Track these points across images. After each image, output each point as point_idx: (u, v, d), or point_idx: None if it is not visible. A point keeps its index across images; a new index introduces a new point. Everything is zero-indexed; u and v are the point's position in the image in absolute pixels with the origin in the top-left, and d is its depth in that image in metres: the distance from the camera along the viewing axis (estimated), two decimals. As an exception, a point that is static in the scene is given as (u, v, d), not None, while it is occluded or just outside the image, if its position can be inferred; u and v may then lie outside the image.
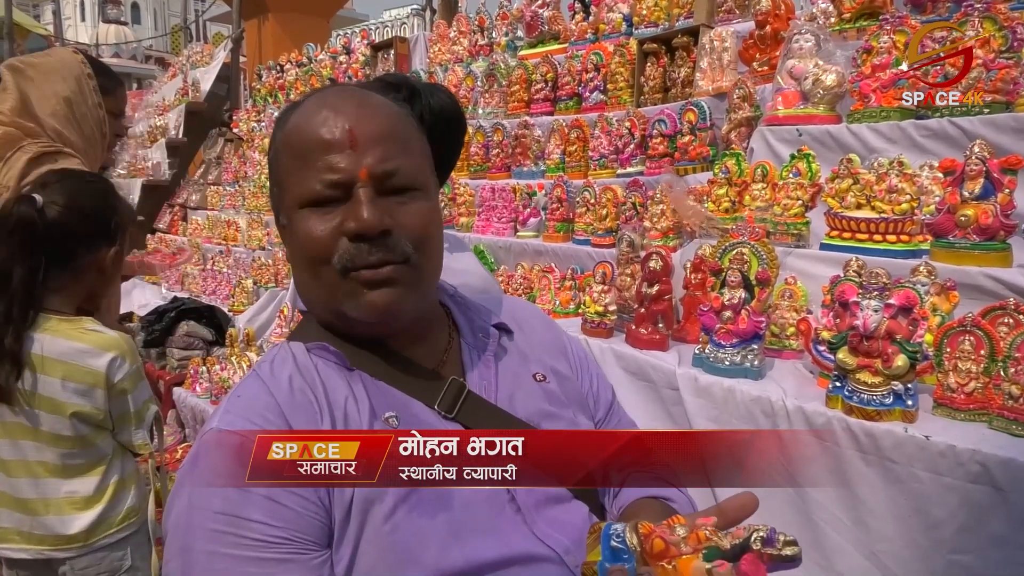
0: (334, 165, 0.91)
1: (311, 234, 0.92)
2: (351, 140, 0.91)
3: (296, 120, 0.97)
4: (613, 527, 0.73)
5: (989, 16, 2.24)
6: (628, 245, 2.65)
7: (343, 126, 0.92)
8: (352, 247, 0.91)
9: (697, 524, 0.71)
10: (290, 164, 0.95)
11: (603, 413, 1.18)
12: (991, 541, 1.51)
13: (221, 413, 0.92)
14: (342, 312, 0.95)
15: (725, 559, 0.68)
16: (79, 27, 37.04)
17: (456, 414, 0.97)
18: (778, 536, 0.68)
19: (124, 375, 1.78)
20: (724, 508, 0.74)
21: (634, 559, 0.71)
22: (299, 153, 0.94)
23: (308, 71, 6.84)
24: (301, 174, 0.93)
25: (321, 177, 0.91)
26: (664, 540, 0.70)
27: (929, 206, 2.10)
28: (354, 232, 0.90)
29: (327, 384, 0.94)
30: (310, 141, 0.93)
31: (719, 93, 3.12)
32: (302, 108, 0.98)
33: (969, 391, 1.69)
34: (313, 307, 1.02)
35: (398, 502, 0.86)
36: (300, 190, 0.93)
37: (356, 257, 0.91)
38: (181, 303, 4.67)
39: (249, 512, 0.82)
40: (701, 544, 0.69)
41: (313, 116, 0.95)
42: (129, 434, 1.83)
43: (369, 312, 0.93)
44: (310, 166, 0.92)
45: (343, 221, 0.91)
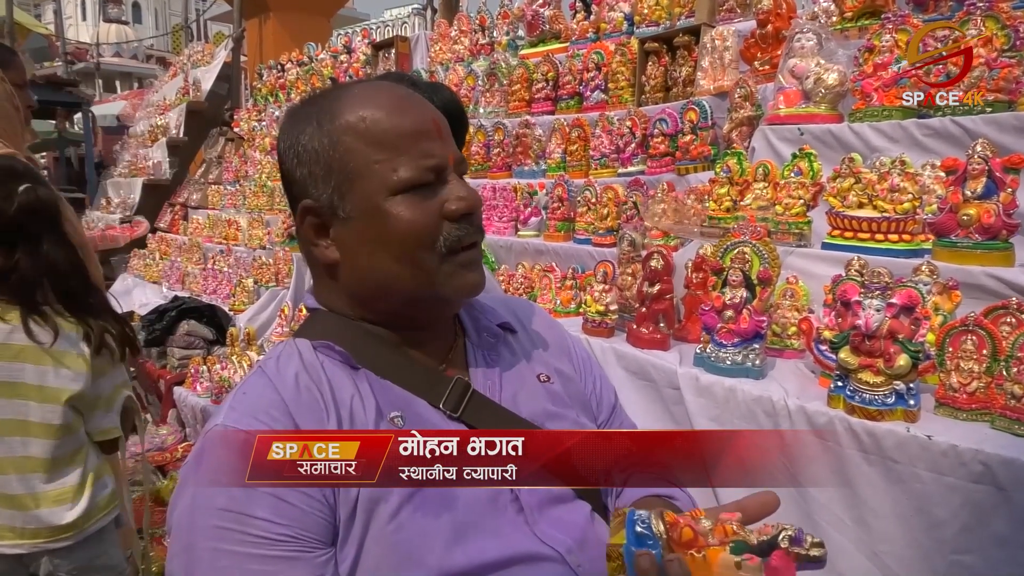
0: (431, 151, 0.94)
1: (413, 219, 0.93)
2: (438, 129, 0.96)
3: (367, 111, 0.95)
4: (638, 513, 0.74)
5: (991, 15, 2.24)
6: (629, 244, 2.65)
7: (429, 116, 0.97)
8: (457, 227, 0.95)
9: (721, 518, 0.72)
10: (372, 152, 0.94)
11: (606, 415, 1.17)
12: (993, 541, 1.51)
13: (226, 410, 0.91)
14: (436, 296, 0.98)
15: (753, 554, 0.69)
16: (80, 26, 37.05)
17: (461, 414, 0.97)
18: (806, 536, 0.69)
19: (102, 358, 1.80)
20: (745, 505, 0.76)
21: (660, 545, 0.72)
22: (385, 141, 0.94)
23: (309, 70, 6.84)
24: (392, 161, 0.93)
25: (419, 163, 0.93)
26: (693, 529, 0.71)
27: (931, 205, 2.10)
28: (463, 212, 0.95)
29: (333, 382, 0.93)
30: (400, 128, 0.94)
31: (720, 92, 3.12)
32: (366, 100, 0.97)
33: (971, 391, 1.69)
34: (389, 299, 0.99)
35: (403, 502, 0.86)
36: (393, 177, 0.93)
37: (464, 237, 0.95)
38: (182, 302, 4.68)
39: (254, 509, 0.82)
40: (728, 537, 0.71)
41: (392, 105, 0.96)
42: (97, 419, 1.83)
43: (469, 292, 0.99)
44: (403, 152, 0.93)
45: (445, 204, 0.94)
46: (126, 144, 9.90)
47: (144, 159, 8.68)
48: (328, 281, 1.02)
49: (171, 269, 6.23)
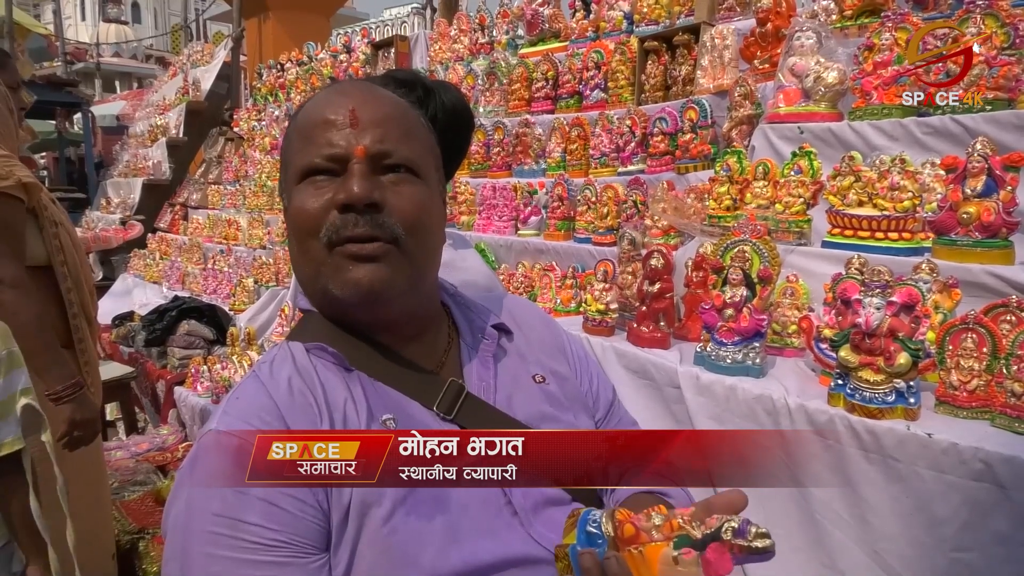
0: (333, 140, 0.94)
1: (303, 206, 0.94)
2: (352, 119, 0.94)
3: (308, 104, 1.01)
4: (592, 513, 0.74)
5: (991, 13, 2.24)
6: (629, 243, 2.65)
7: (347, 107, 0.95)
8: (339, 218, 0.92)
9: (674, 514, 0.72)
10: (296, 143, 0.98)
11: (603, 412, 1.17)
12: (993, 539, 1.51)
13: (220, 414, 0.91)
14: (328, 291, 0.94)
15: (694, 548, 0.69)
16: (79, 26, 37.04)
17: (455, 416, 0.97)
18: (750, 528, 0.68)
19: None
20: (711, 503, 0.75)
21: (606, 544, 0.72)
22: (304, 131, 0.97)
23: (309, 70, 6.84)
24: (303, 150, 0.96)
25: (320, 151, 0.94)
26: (635, 526, 0.71)
27: (931, 203, 2.10)
28: (342, 202, 0.91)
29: (326, 385, 0.94)
30: (316, 119, 0.96)
31: (720, 91, 3.12)
32: (315, 95, 1.02)
33: (971, 389, 1.69)
34: (306, 288, 1.02)
35: (396, 505, 0.86)
36: (300, 164, 0.96)
37: (342, 228, 0.91)
38: (182, 302, 4.68)
39: (246, 515, 0.82)
40: (673, 532, 0.70)
41: (322, 99, 0.99)
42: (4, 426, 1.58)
43: (353, 288, 0.92)
44: (312, 142, 0.95)
45: (334, 194, 0.93)
46: (126, 144, 9.90)
47: (144, 159, 8.67)
48: None
49: (171, 269, 6.23)
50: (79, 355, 2.24)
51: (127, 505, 2.95)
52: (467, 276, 1.70)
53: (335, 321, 1.00)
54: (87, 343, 2.29)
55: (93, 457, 2.35)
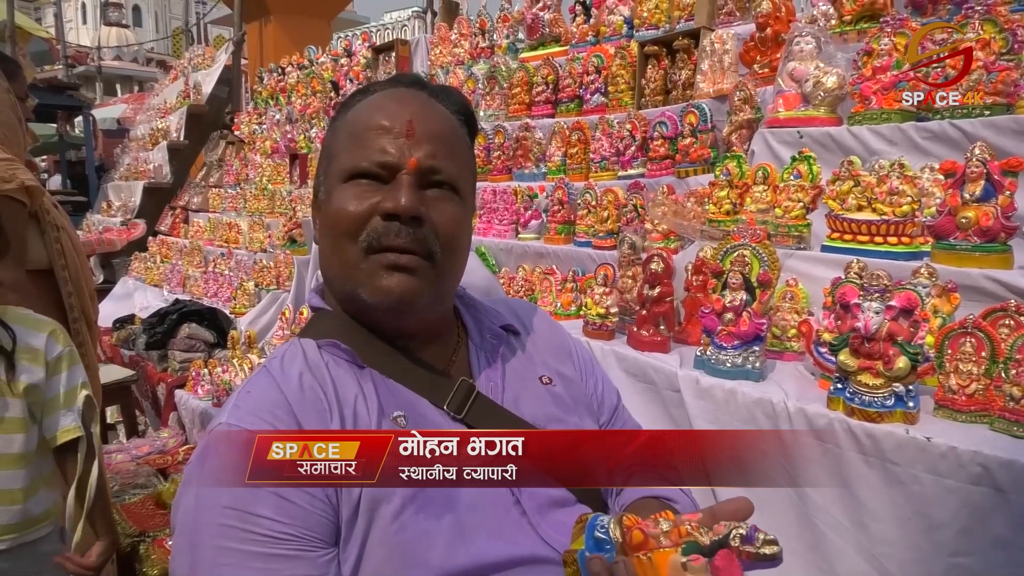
0: (387, 147, 0.95)
1: (346, 206, 0.95)
2: (409, 130, 0.96)
3: (363, 104, 1.01)
4: (600, 518, 0.74)
5: (989, 18, 2.24)
6: (629, 247, 2.65)
7: (405, 116, 0.96)
8: (382, 225, 0.93)
9: (682, 520, 0.71)
10: (346, 140, 0.99)
11: (607, 416, 1.18)
12: (992, 543, 1.51)
13: (231, 409, 0.92)
14: (356, 295, 0.96)
15: (702, 554, 0.68)
16: (80, 30, 37.11)
17: (465, 415, 0.98)
18: (758, 534, 0.68)
19: (56, 355, 1.78)
20: (716, 511, 0.74)
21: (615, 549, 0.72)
22: (357, 131, 0.98)
23: (309, 73, 6.85)
24: (354, 150, 0.97)
25: (372, 156, 0.95)
26: (643, 532, 0.71)
27: (930, 208, 2.10)
28: (390, 211, 0.93)
29: (337, 382, 0.94)
30: (371, 122, 0.97)
31: (720, 95, 3.13)
32: (371, 96, 1.03)
33: (970, 393, 1.69)
34: (331, 287, 1.03)
35: (406, 502, 0.86)
36: (348, 164, 0.97)
37: (384, 236, 0.93)
38: (183, 305, 4.68)
39: (257, 508, 0.82)
40: (681, 539, 0.70)
41: (378, 103, 1.00)
42: (54, 418, 1.78)
43: (384, 296, 0.94)
44: (365, 144, 0.96)
45: (381, 201, 0.94)
46: (127, 147, 9.91)
47: (145, 162, 8.68)
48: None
49: (172, 272, 6.23)
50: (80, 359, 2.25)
51: (128, 508, 2.94)
52: (467, 278, 1.70)
53: (355, 318, 1.01)
54: (87, 347, 2.29)
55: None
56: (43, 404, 1.76)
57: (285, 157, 6.17)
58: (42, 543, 1.76)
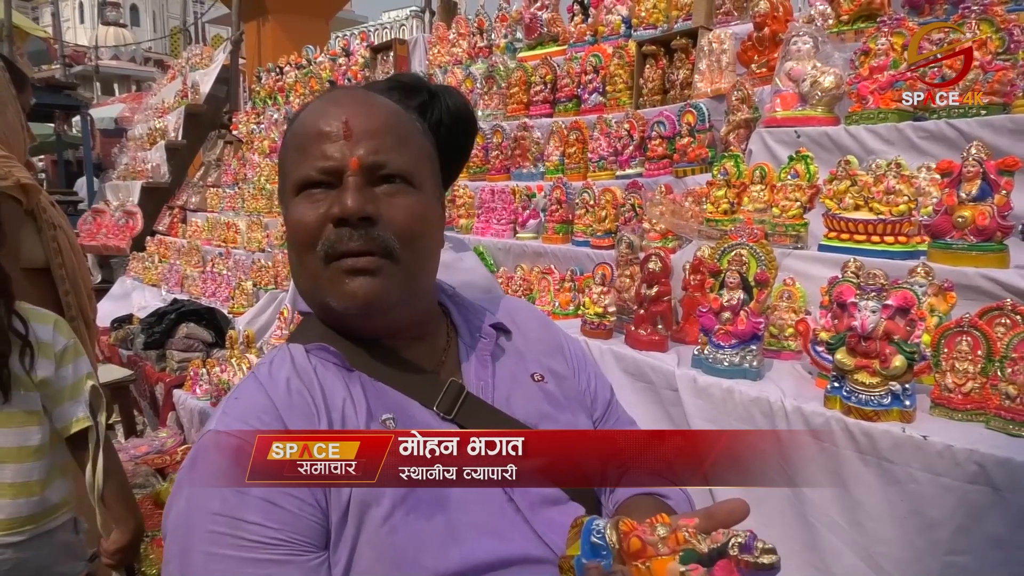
0: (327, 153, 0.94)
1: (300, 219, 0.95)
2: (346, 131, 0.94)
3: (302, 115, 1.01)
4: (595, 522, 0.73)
5: (986, 18, 2.25)
6: (627, 246, 2.66)
7: (340, 118, 0.95)
8: (335, 232, 0.92)
9: (679, 525, 0.71)
10: (291, 154, 0.99)
11: (601, 411, 1.18)
12: (988, 541, 1.52)
13: (219, 415, 0.92)
14: (325, 303, 0.96)
15: (701, 563, 0.68)
16: (78, 29, 37.05)
17: (455, 416, 0.98)
18: (756, 543, 0.66)
19: (63, 346, 1.79)
20: (712, 512, 0.74)
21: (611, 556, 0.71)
22: (299, 143, 0.98)
23: (307, 73, 6.85)
24: (299, 162, 0.96)
25: (315, 164, 0.94)
26: (641, 539, 0.69)
27: (926, 207, 2.11)
28: (337, 216, 0.92)
29: (325, 386, 0.94)
30: (310, 131, 0.96)
31: (717, 95, 3.13)
32: (310, 104, 1.02)
33: (966, 391, 1.70)
34: (306, 298, 1.03)
35: (395, 504, 0.86)
36: (296, 176, 0.96)
37: (338, 242, 0.92)
38: (181, 305, 4.68)
39: (246, 514, 0.82)
40: (679, 546, 0.69)
41: (316, 110, 0.99)
42: (64, 409, 1.79)
43: (349, 301, 0.93)
44: (307, 154, 0.95)
45: (329, 207, 0.93)
46: (124, 147, 9.89)
47: (143, 162, 8.66)
48: None
49: (170, 272, 6.23)
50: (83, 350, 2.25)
51: (126, 507, 2.95)
52: (466, 277, 1.71)
53: (334, 327, 1.01)
54: (86, 346, 2.29)
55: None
56: (53, 395, 1.77)
57: (283, 157, 6.15)
58: (58, 532, 1.77)
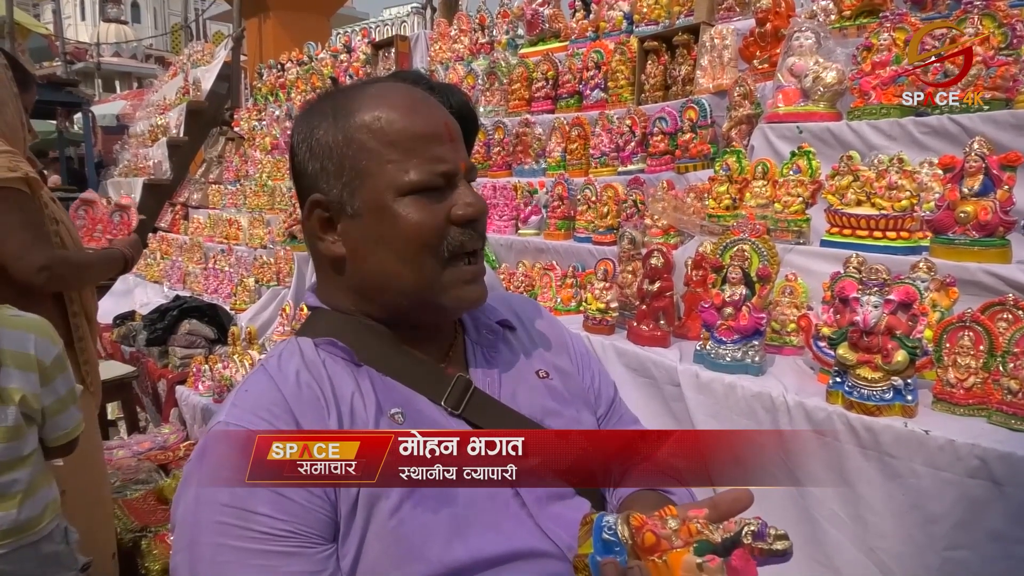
0: (443, 156, 0.96)
1: (421, 221, 0.95)
2: (449, 134, 0.97)
3: (382, 110, 0.97)
4: (605, 519, 0.73)
5: (988, 13, 2.24)
6: (629, 242, 2.66)
7: (441, 120, 0.98)
8: (461, 233, 0.96)
9: (688, 516, 0.71)
10: (385, 152, 0.95)
11: (604, 408, 1.18)
12: (987, 536, 1.52)
13: (228, 407, 0.92)
14: (435, 303, 0.99)
15: (716, 553, 0.68)
16: (79, 26, 37.03)
17: (462, 411, 0.98)
18: (768, 530, 0.68)
19: (53, 357, 1.71)
20: (717, 501, 0.75)
21: (625, 551, 0.71)
22: (399, 141, 0.95)
23: (309, 70, 6.84)
24: (404, 163, 0.95)
25: (430, 167, 0.95)
26: (655, 534, 0.70)
27: (929, 203, 2.11)
28: (470, 217, 0.96)
29: (334, 380, 0.95)
30: (413, 131, 0.96)
31: (720, 91, 3.13)
32: (378, 98, 0.99)
33: (968, 386, 1.70)
34: (388, 298, 1.00)
35: (403, 497, 0.87)
36: (404, 178, 0.95)
37: (467, 242, 0.97)
38: (183, 301, 4.68)
39: (256, 505, 0.83)
40: (692, 537, 0.70)
41: (406, 107, 0.98)
42: (68, 417, 1.76)
43: (466, 304, 1.01)
44: (416, 155, 0.95)
45: (453, 209, 0.96)
46: (126, 144, 9.90)
47: (144, 159, 8.67)
48: (332, 276, 1.04)
49: (172, 269, 6.23)
50: (79, 354, 2.26)
51: (129, 503, 2.96)
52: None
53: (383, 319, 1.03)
54: (87, 341, 2.30)
55: (93, 456, 2.36)
56: (44, 409, 1.70)
57: (285, 153, 6.17)
58: (43, 543, 1.72)
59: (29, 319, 1.72)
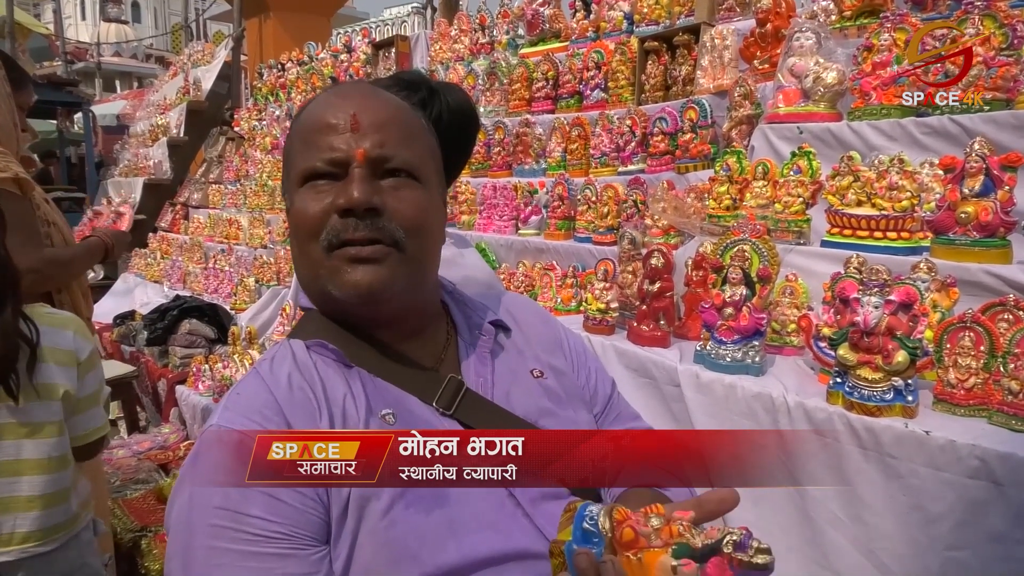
0: (334, 145, 0.95)
1: (304, 209, 0.95)
2: (353, 124, 0.95)
3: (308, 107, 1.02)
4: (589, 508, 0.72)
5: (989, 14, 2.24)
6: (630, 242, 2.66)
7: (347, 111, 0.96)
8: (340, 223, 0.93)
9: (673, 517, 0.70)
10: (297, 146, 1.00)
11: (601, 407, 1.18)
12: (988, 537, 1.52)
13: (221, 410, 0.93)
14: (327, 292, 0.96)
15: (693, 558, 0.67)
16: (79, 26, 37.01)
17: (454, 411, 0.98)
18: (751, 542, 0.66)
19: (88, 352, 1.74)
20: (703, 501, 0.75)
21: (603, 543, 0.71)
22: (305, 135, 0.98)
23: (309, 69, 6.84)
24: (304, 153, 0.97)
25: (320, 155, 0.95)
26: (634, 530, 0.69)
27: (929, 203, 2.10)
28: (343, 207, 0.92)
29: (326, 382, 0.95)
30: (316, 123, 0.97)
31: (720, 91, 3.12)
32: (316, 98, 1.04)
33: (969, 387, 1.70)
34: (306, 288, 1.03)
35: (395, 498, 0.87)
36: (301, 167, 0.97)
37: (342, 232, 0.93)
38: (183, 301, 4.68)
39: (249, 508, 0.83)
40: (672, 539, 0.69)
41: (322, 103, 1.00)
42: (96, 415, 1.77)
43: (351, 290, 0.93)
44: (313, 146, 0.96)
45: (335, 198, 0.94)
46: (126, 144, 9.90)
47: (145, 159, 8.67)
48: None
49: (172, 268, 6.23)
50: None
51: (129, 503, 2.96)
52: (467, 272, 1.71)
53: (335, 319, 1.02)
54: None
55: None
56: (76, 403, 1.72)
57: (285, 153, 6.16)
58: (84, 533, 1.77)
59: (66, 316, 1.77)
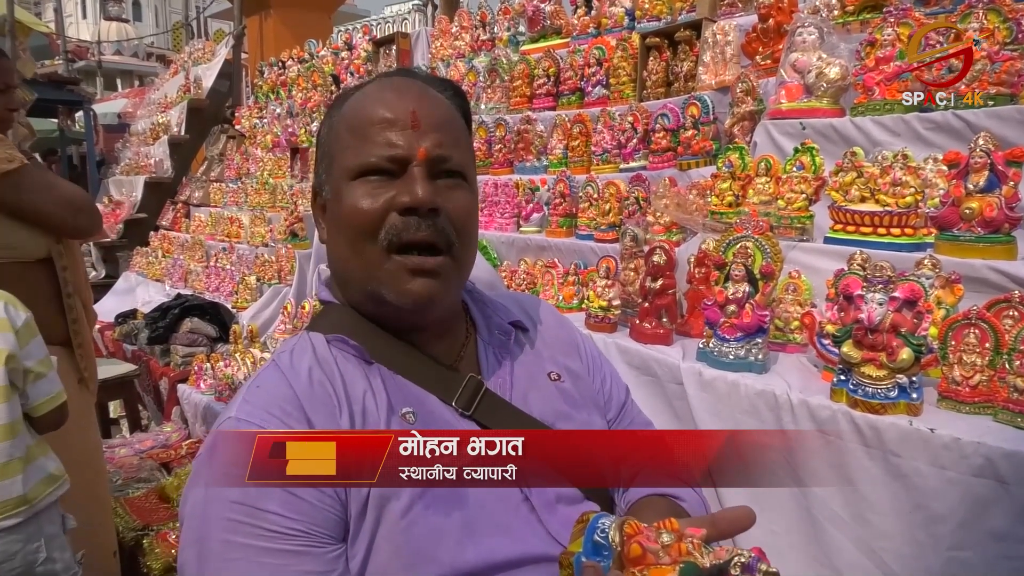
0: (394, 141, 0.94)
1: (360, 205, 0.94)
2: (414, 121, 0.94)
3: (358, 99, 1.00)
4: (601, 520, 0.72)
5: (993, 8, 2.22)
6: (632, 240, 2.65)
7: (407, 107, 0.95)
8: (401, 221, 0.92)
9: (685, 534, 0.69)
10: (347, 137, 0.97)
11: (615, 413, 1.17)
12: (991, 536, 1.51)
13: (240, 403, 0.91)
14: (379, 295, 0.95)
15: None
16: (80, 24, 36.99)
17: (473, 412, 0.97)
18: (760, 565, 0.65)
19: (23, 320, 1.77)
20: (716, 519, 0.74)
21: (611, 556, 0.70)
22: (358, 127, 0.96)
23: (310, 67, 6.83)
24: (358, 147, 0.95)
25: (380, 151, 0.94)
26: (642, 546, 0.68)
27: (933, 199, 2.09)
28: (407, 205, 0.92)
29: (346, 378, 0.94)
30: (372, 116, 0.96)
31: (722, 87, 3.11)
32: (364, 89, 1.02)
33: (974, 384, 1.69)
34: (349, 287, 1.01)
35: (414, 499, 0.86)
36: (355, 161, 0.95)
37: (404, 231, 0.92)
38: (185, 300, 4.69)
39: (266, 503, 0.82)
40: (681, 557, 0.67)
41: (377, 95, 0.98)
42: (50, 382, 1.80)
43: (408, 299, 0.94)
44: (369, 139, 0.95)
45: (395, 196, 0.93)
46: (127, 142, 9.91)
47: (146, 157, 8.68)
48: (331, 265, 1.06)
49: (174, 267, 6.23)
50: (76, 348, 2.28)
51: (131, 502, 2.96)
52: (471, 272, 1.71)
53: (367, 315, 1.01)
54: (81, 323, 2.33)
55: (92, 455, 2.37)
56: (24, 371, 1.74)
57: (286, 151, 6.17)
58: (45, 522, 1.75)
59: None
